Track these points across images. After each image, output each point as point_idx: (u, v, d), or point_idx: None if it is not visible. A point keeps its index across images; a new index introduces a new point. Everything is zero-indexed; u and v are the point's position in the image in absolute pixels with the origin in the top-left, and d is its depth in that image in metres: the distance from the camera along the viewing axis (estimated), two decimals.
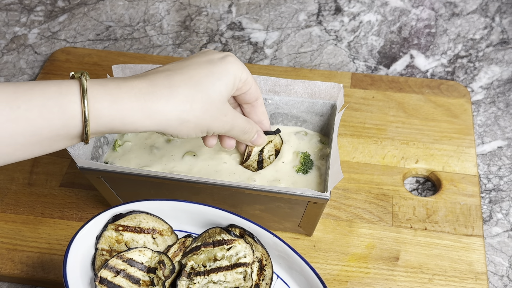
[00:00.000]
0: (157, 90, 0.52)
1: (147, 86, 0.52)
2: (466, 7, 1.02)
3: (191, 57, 0.58)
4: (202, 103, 0.54)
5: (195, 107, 0.53)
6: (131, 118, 0.51)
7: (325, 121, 0.72)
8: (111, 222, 0.57)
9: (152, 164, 0.69)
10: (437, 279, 0.67)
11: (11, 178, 0.78)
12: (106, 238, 0.57)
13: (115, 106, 0.50)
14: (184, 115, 0.53)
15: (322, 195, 0.59)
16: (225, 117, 0.57)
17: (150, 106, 0.51)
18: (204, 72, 0.55)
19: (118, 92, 0.50)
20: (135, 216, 0.58)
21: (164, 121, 0.52)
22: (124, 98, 0.50)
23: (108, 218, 0.57)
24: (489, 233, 0.72)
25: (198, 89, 0.54)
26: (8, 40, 1.00)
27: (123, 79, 0.52)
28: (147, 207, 0.58)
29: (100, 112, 0.49)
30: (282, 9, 1.03)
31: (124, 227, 0.57)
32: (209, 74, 0.55)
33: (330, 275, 0.67)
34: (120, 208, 0.57)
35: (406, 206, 0.73)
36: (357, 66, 0.94)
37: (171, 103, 0.52)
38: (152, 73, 0.54)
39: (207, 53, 0.58)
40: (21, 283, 0.70)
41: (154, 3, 1.05)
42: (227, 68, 0.56)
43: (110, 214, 0.57)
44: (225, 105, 0.57)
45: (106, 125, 0.50)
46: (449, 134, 0.81)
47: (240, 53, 0.96)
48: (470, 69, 0.92)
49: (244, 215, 0.68)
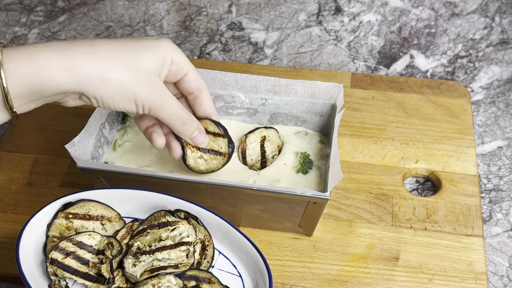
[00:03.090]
0: (76, 46, 0.50)
1: (66, 44, 0.50)
2: (466, 7, 1.02)
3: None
4: (127, 65, 0.52)
5: (119, 67, 0.51)
6: (49, 73, 0.48)
7: (325, 121, 0.72)
8: (61, 211, 0.60)
9: (152, 164, 0.69)
10: (437, 279, 0.67)
11: (11, 178, 0.78)
12: (57, 225, 0.60)
13: (31, 62, 0.48)
14: (107, 72, 0.50)
15: (322, 195, 0.59)
16: (154, 90, 0.54)
17: (69, 60, 0.49)
18: (131, 42, 0.53)
19: (34, 49, 0.48)
20: (84, 204, 0.61)
21: (85, 78, 0.50)
22: (40, 53, 0.48)
23: (59, 207, 0.60)
24: (489, 233, 0.73)
25: (123, 51, 0.52)
26: (8, 40, 1.00)
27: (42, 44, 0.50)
28: (95, 195, 0.61)
29: (17, 71, 0.47)
30: (282, 9, 1.03)
31: (74, 215, 0.60)
32: (136, 44, 0.53)
33: (330, 275, 0.67)
34: (70, 197, 0.60)
35: (406, 206, 0.73)
36: (357, 66, 0.94)
37: (93, 58, 0.50)
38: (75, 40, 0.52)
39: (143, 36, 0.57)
40: (21, 283, 0.70)
41: (154, 3, 1.05)
42: (158, 44, 0.54)
43: (60, 203, 0.60)
44: (155, 78, 0.54)
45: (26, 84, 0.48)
46: (449, 134, 0.81)
47: (240, 53, 0.96)
48: (470, 69, 0.92)
49: (244, 215, 0.68)
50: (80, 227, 0.60)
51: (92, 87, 0.50)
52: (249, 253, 0.60)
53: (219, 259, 0.62)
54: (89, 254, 0.59)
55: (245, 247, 0.60)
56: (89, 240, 0.59)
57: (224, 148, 0.65)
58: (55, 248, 0.57)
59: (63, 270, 0.57)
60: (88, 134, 0.66)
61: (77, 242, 0.58)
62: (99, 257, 0.59)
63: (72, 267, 0.58)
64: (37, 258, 0.58)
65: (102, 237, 0.60)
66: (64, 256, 0.58)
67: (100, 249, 0.59)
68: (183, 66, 0.57)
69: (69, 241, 0.58)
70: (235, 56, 0.96)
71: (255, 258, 0.60)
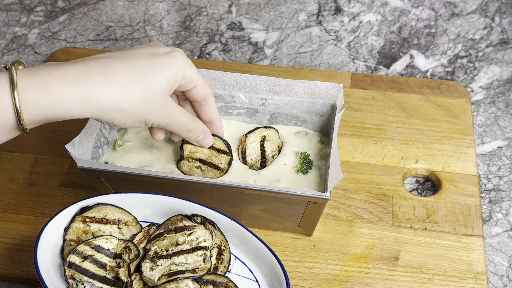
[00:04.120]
0: (91, 76, 0.50)
1: (81, 72, 0.50)
2: (466, 7, 1.02)
3: (136, 47, 0.57)
4: (140, 93, 0.53)
5: (132, 96, 0.52)
6: (64, 105, 0.49)
7: (325, 121, 0.72)
8: (78, 214, 0.60)
9: (152, 164, 0.69)
10: (437, 279, 0.67)
11: (11, 178, 0.78)
12: (74, 229, 0.60)
13: (46, 95, 0.49)
14: (120, 104, 0.52)
15: (322, 195, 0.60)
16: (164, 110, 0.56)
17: (84, 93, 0.50)
18: (145, 63, 0.54)
19: (49, 79, 0.49)
20: (102, 208, 0.61)
21: (99, 108, 0.51)
22: (55, 85, 0.49)
23: (76, 211, 0.60)
24: (489, 233, 0.73)
25: (137, 78, 0.52)
26: (8, 40, 1.00)
27: (56, 65, 0.51)
28: (112, 199, 0.61)
29: (32, 102, 0.48)
30: (282, 9, 1.03)
31: (91, 219, 0.60)
32: (150, 65, 0.54)
33: (330, 275, 0.67)
34: (87, 201, 0.60)
35: (406, 206, 0.73)
36: (357, 66, 0.94)
37: (106, 90, 0.51)
38: (89, 59, 0.53)
39: (154, 45, 0.57)
40: (21, 283, 0.70)
41: (154, 3, 1.05)
42: (171, 62, 0.55)
43: (78, 207, 0.60)
44: (166, 98, 0.55)
45: (41, 114, 0.49)
46: (449, 134, 0.81)
47: (240, 53, 0.96)
48: (470, 69, 0.92)
49: (244, 215, 0.68)
50: (97, 230, 0.60)
51: (105, 116, 0.52)
52: (266, 258, 0.60)
53: (235, 264, 0.62)
54: (106, 258, 0.59)
55: (262, 252, 0.60)
56: (107, 244, 0.59)
57: (224, 165, 0.68)
58: (73, 252, 0.57)
59: (81, 273, 0.57)
60: (88, 134, 0.66)
61: (94, 246, 0.58)
62: (117, 260, 0.59)
63: (90, 271, 0.58)
64: (54, 262, 0.58)
65: (120, 241, 0.60)
66: (81, 259, 0.58)
67: (118, 253, 0.59)
68: (192, 80, 0.59)
69: (86, 244, 0.58)
70: (235, 56, 0.96)
71: (271, 263, 0.59)
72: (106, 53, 0.55)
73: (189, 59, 0.58)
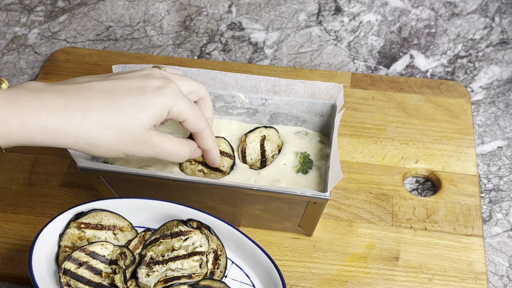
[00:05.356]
0: (69, 111, 0.52)
1: (60, 106, 0.51)
2: (466, 7, 1.02)
3: (130, 75, 0.57)
4: (116, 131, 0.53)
5: (107, 133, 0.53)
6: (39, 138, 0.51)
7: (325, 121, 0.72)
8: (73, 220, 0.60)
9: (152, 164, 0.69)
10: (437, 279, 0.67)
11: (11, 178, 0.78)
12: (69, 235, 0.59)
13: (25, 127, 0.50)
14: (95, 141, 0.53)
15: (322, 195, 0.60)
16: (145, 145, 0.56)
17: (60, 127, 0.51)
18: (128, 101, 0.54)
19: (29, 111, 0.50)
20: (97, 213, 0.60)
21: (73, 143, 0.53)
22: (34, 118, 0.50)
23: (71, 217, 0.60)
24: (489, 233, 0.73)
25: (116, 116, 0.53)
26: (8, 40, 1.00)
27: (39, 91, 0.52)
28: (107, 205, 0.61)
29: (9, 132, 0.50)
30: (282, 9, 1.03)
31: (86, 225, 0.60)
32: (133, 104, 0.54)
33: (330, 275, 0.67)
34: (82, 207, 0.60)
35: (406, 206, 0.73)
36: (357, 66, 0.94)
37: (82, 127, 0.52)
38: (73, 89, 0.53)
39: (147, 76, 0.57)
40: (21, 283, 0.70)
41: (154, 3, 1.05)
42: (156, 101, 0.55)
43: (72, 213, 0.60)
44: (146, 133, 0.55)
45: (16, 142, 0.51)
46: (449, 134, 0.81)
47: (240, 53, 0.96)
48: (470, 69, 0.92)
49: (244, 215, 0.68)
50: (92, 237, 0.60)
51: (80, 149, 0.54)
52: (262, 262, 0.60)
53: (232, 268, 0.62)
54: (102, 264, 0.58)
55: (258, 257, 0.60)
56: (102, 250, 0.59)
57: (226, 168, 0.68)
58: (68, 258, 0.57)
59: (76, 280, 0.57)
60: None
61: (90, 252, 0.58)
62: (112, 267, 0.59)
63: (85, 277, 0.57)
64: (49, 268, 0.58)
65: (115, 247, 0.59)
66: (77, 266, 0.57)
67: (113, 259, 0.59)
68: (180, 116, 0.58)
69: (81, 251, 0.58)
70: (235, 56, 0.96)
71: (268, 268, 0.59)
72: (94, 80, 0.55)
73: (180, 94, 0.57)
